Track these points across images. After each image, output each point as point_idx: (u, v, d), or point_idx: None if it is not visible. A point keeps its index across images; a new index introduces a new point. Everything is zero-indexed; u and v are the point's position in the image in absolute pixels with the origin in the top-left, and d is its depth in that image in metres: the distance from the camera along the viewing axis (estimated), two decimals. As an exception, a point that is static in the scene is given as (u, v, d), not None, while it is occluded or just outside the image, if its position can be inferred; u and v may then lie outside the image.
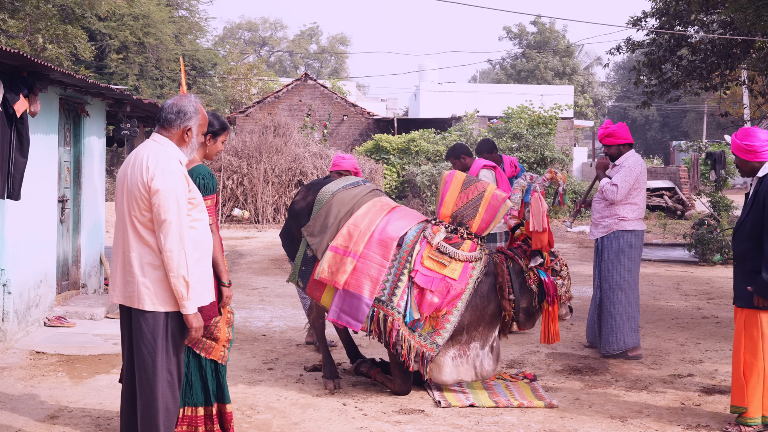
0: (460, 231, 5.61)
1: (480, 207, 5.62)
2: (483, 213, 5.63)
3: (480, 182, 5.75)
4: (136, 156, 3.94)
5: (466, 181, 5.71)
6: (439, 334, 5.39)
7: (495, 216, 5.63)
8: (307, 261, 5.69)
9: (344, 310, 5.47)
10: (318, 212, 5.70)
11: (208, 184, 4.46)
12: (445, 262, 5.48)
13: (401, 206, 5.90)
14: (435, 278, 5.44)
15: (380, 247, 5.51)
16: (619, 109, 56.13)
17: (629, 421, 5.12)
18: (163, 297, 3.86)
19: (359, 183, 5.90)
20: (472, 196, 5.65)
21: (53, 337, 7.04)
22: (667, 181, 23.58)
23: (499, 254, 5.78)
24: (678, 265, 13.04)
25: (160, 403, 3.89)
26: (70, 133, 8.39)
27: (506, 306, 5.60)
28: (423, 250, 5.52)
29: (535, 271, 5.62)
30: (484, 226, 5.64)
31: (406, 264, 5.49)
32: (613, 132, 6.84)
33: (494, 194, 5.66)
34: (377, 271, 5.45)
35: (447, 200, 5.68)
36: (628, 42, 14.76)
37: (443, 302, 5.41)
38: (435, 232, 5.60)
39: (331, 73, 56.82)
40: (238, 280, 10.78)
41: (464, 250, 5.56)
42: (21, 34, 15.92)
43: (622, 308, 6.75)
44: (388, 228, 5.59)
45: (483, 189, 5.68)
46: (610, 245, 6.80)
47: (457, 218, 5.64)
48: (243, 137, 20.92)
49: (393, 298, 5.40)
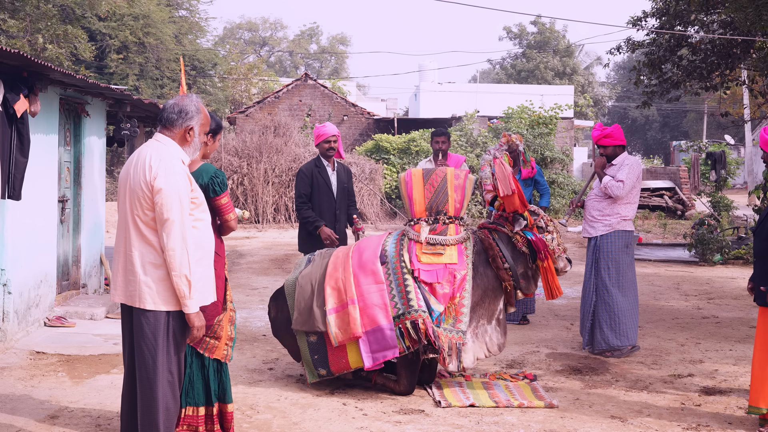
0: (440, 219, 5.69)
1: (448, 190, 5.73)
2: (453, 194, 5.73)
3: (437, 169, 5.84)
4: (139, 155, 3.95)
5: (425, 174, 5.80)
6: (460, 321, 5.48)
7: (465, 193, 5.75)
8: (315, 347, 5.57)
9: (374, 349, 5.44)
10: (296, 302, 5.63)
11: (224, 181, 4.49)
12: (440, 251, 5.56)
13: (358, 242, 5.94)
14: (438, 269, 5.51)
15: (367, 275, 5.53)
16: (619, 109, 56.11)
17: (629, 421, 5.12)
18: (165, 296, 3.86)
19: (312, 260, 5.84)
20: (437, 183, 5.75)
21: (53, 337, 7.04)
22: (668, 181, 23.59)
23: (483, 230, 5.89)
24: (678, 265, 13.04)
25: (161, 403, 3.89)
26: (71, 133, 8.39)
27: (504, 276, 5.70)
28: (414, 249, 5.57)
29: (522, 234, 5.75)
30: (459, 207, 5.74)
31: (404, 270, 5.52)
32: (610, 133, 6.93)
33: (455, 174, 5.79)
34: (380, 296, 5.46)
35: (416, 197, 5.75)
36: (628, 42, 14.75)
37: (454, 289, 5.49)
38: (418, 230, 5.66)
39: (331, 73, 56.82)
40: (238, 280, 10.78)
41: (451, 234, 5.64)
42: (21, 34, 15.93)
43: (625, 306, 6.78)
44: (363, 257, 5.64)
45: (444, 173, 5.78)
46: (610, 243, 6.81)
47: (432, 209, 5.72)
48: (243, 137, 20.93)
49: (410, 303, 5.41)
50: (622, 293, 6.81)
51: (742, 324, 8.26)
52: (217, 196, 4.45)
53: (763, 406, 4.89)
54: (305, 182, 7.17)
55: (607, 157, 6.97)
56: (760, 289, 4.91)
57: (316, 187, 7.17)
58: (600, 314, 6.81)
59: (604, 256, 6.83)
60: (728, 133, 38.47)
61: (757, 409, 4.92)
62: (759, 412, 4.91)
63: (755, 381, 4.94)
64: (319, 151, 7.27)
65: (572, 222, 19.21)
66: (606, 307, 6.79)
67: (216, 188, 4.45)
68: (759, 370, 4.93)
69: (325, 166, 7.22)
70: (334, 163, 7.28)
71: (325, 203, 7.20)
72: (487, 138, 21.79)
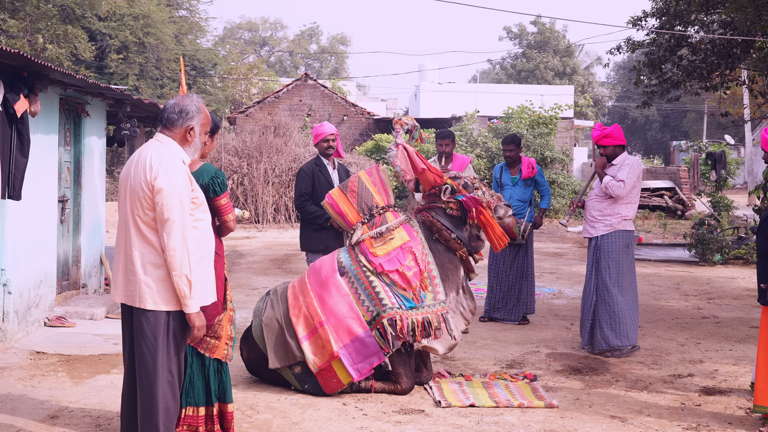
0: (374, 212, 5.77)
1: (369, 188, 5.84)
2: (375, 189, 5.83)
3: (350, 178, 5.94)
4: (140, 155, 3.95)
5: (343, 186, 5.91)
6: (438, 292, 5.57)
7: (384, 183, 5.88)
8: (303, 377, 5.54)
9: (357, 360, 5.44)
10: (267, 342, 5.59)
11: (224, 181, 4.49)
12: (390, 236, 5.64)
13: (311, 265, 5.96)
14: (396, 254, 5.57)
15: (330, 290, 5.54)
16: (619, 109, 56.10)
17: (629, 421, 5.12)
18: (165, 296, 3.86)
19: (269, 302, 5.78)
20: (357, 188, 5.85)
21: (53, 337, 7.05)
22: (668, 181, 23.59)
23: (420, 213, 6.02)
24: (678, 265, 13.04)
25: (161, 403, 3.89)
26: (71, 133, 8.39)
27: (455, 245, 5.82)
28: (367, 249, 5.63)
29: (453, 199, 5.86)
30: (386, 197, 5.86)
31: (366, 273, 5.55)
32: (610, 133, 6.93)
33: (367, 172, 5.94)
34: (349, 307, 5.48)
35: (344, 209, 5.83)
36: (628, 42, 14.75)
37: (418, 264, 5.56)
38: (359, 231, 5.72)
39: (332, 73, 56.81)
40: (238, 280, 10.78)
41: (390, 220, 5.73)
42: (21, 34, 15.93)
43: (625, 306, 6.78)
44: (321, 275, 5.65)
45: (357, 178, 5.90)
46: (610, 243, 6.82)
47: (364, 209, 5.79)
48: (243, 137, 20.92)
49: (383, 302, 5.43)
50: (622, 293, 6.81)
51: (742, 324, 8.26)
52: (217, 197, 4.45)
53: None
54: (306, 181, 7.16)
55: (607, 157, 6.98)
56: (761, 287, 4.91)
57: (318, 185, 7.16)
58: (600, 314, 6.81)
59: (604, 256, 6.83)
60: (728, 133, 38.48)
61: (763, 408, 4.92)
62: (765, 410, 4.91)
63: (760, 380, 4.94)
64: (318, 151, 7.27)
65: (572, 222, 19.22)
66: (606, 307, 6.79)
67: (216, 188, 4.45)
68: (765, 368, 4.92)
69: (326, 165, 7.22)
70: (334, 162, 7.28)
71: None
72: (487, 138, 21.79)
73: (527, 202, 8.17)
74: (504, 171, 8.30)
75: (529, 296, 8.18)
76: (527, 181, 8.17)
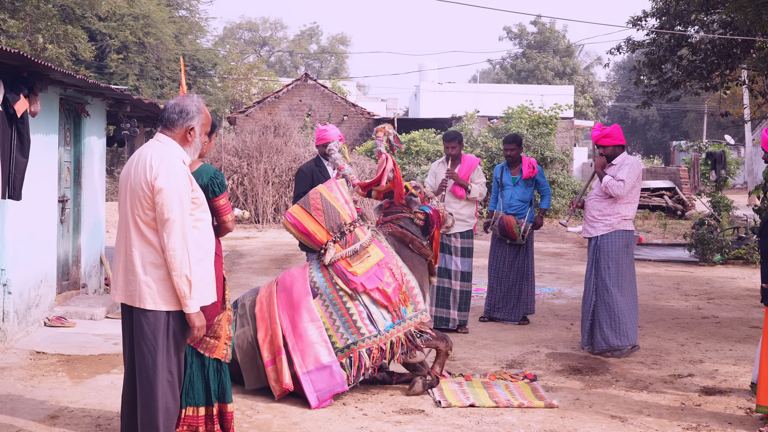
0: (343, 230, 5.65)
1: (334, 205, 5.70)
2: (339, 205, 5.74)
3: (310, 194, 5.76)
4: (140, 155, 3.95)
5: (303, 203, 5.72)
6: (418, 303, 5.57)
7: (345, 197, 5.81)
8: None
9: (320, 388, 5.31)
10: (240, 362, 5.53)
11: (223, 182, 4.49)
12: (365, 256, 5.59)
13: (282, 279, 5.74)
14: (374, 271, 5.54)
15: (301, 314, 5.43)
16: (619, 109, 56.10)
17: (629, 421, 5.12)
18: (165, 296, 3.86)
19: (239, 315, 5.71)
20: (319, 204, 5.68)
21: (53, 337, 7.04)
22: (668, 181, 23.59)
23: (386, 224, 6.05)
24: (678, 265, 13.04)
25: (160, 403, 3.89)
26: (71, 133, 8.39)
27: (426, 252, 5.96)
28: (344, 268, 5.51)
29: (420, 210, 6.01)
30: (350, 211, 5.76)
31: (342, 297, 5.47)
32: (610, 133, 6.93)
33: (327, 187, 5.82)
34: (319, 333, 5.38)
35: (312, 229, 5.63)
36: (628, 42, 14.76)
37: (396, 279, 5.55)
38: (331, 250, 5.58)
39: (332, 73, 56.81)
40: (238, 280, 10.78)
41: (361, 236, 5.68)
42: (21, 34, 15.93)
43: (624, 306, 6.78)
44: (293, 296, 5.51)
45: (318, 193, 5.73)
46: (610, 243, 6.82)
47: (333, 228, 5.63)
48: (243, 137, 20.92)
49: (360, 331, 5.39)
50: (622, 293, 6.81)
51: (742, 324, 8.26)
52: (216, 197, 4.46)
53: None
54: (305, 182, 7.16)
55: (607, 156, 6.98)
56: (763, 287, 4.90)
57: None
58: (600, 314, 6.81)
59: (604, 256, 6.83)
60: (728, 133, 38.47)
61: (765, 408, 4.91)
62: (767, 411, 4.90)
63: (764, 380, 4.93)
64: (319, 152, 7.27)
65: (572, 222, 19.22)
66: (606, 307, 6.79)
67: (215, 189, 4.45)
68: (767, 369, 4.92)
69: (326, 166, 7.21)
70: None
71: None
72: (487, 138, 21.79)
73: (528, 203, 8.17)
74: (505, 171, 8.30)
75: (530, 296, 8.18)
76: (528, 181, 8.16)
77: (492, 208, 8.32)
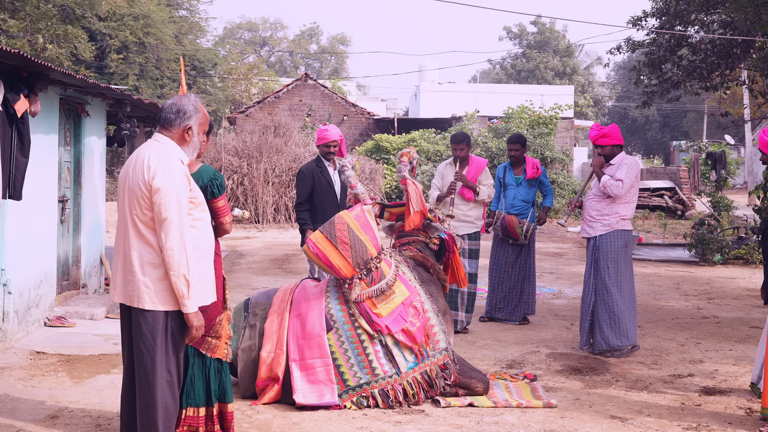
0: (369, 266, 5.43)
1: (359, 235, 5.45)
2: (366, 236, 5.48)
3: (335, 221, 5.48)
4: (138, 155, 3.95)
5: (329, 234, 5.42)
6: (437, 341, 5.44)
7: (372, 226, 5.55)
8: None
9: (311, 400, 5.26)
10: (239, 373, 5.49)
11: (223, 183, 4.49)
12: (391, 295, 5.42)
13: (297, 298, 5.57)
14: (399, 312, 5.39)
15: (312, 347, 5.32)
16: (619, 109, 56.09)
17: (629, 421, 5.12)
18: (163, 296, 3.86)
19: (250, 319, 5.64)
20: (347, 237, 5.41)
21: (53, 337, 7.05)
22: (668, 181, 23.60)
23: (404, 247, 5.98)
24: (678, 265, 13.04)
25: (159, 403, 3.89)
26: (71, 133, 8.39)
27: (444, 277, 5.99)
28: (369, 308, 5.37)
29: (437, 236, 6.04)
30: (376, 242, 5.52)
31: (360, 336, 5.35)
32: (608, 133, 6.93)
33: (354, 216, 5.53)
34: (326, 372, 5.27)
35: (337, 263, 5.38)
36: (628, 42, 14.76)
37: (421, 320, 5.42)
38: (352, 288, 5.39)
39: (332, 73, 56.81)
40: (238, 280, 10.78)
41: (387, 271, 5.48)
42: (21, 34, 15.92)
43: (624, 305, 6.78)
44: (307, 327, 5.38)
45: (344, 222, 5.46)
46: (609, 243, 6.82)
47: (360, 264, 5.41)
48: (243, 137, 20.92)
49: (375, 372, 5.29)
50: (621, 293, 6.81)
51: (742, 324, 8.26)
52: (215, 199, 4.46)
53: None
54: (306, 183, 7.15)
55: (605, 156, 6.98)
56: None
57: (318, 187, 7.14)
58: (600, 314, 6.81)
59: (603, 256, 6.83)
60: (728, 133, 38.46)
61: None
62: None
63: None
64: (320, 152, 7.27)
65: (571, 222, 19.22)
66: (605, 307, 6.79)
67: (215, 190, 4.45)
68: None
69: (327, 167, 7.21)
70: (335, 162, 7.27)
71: (328, 203, 7.19)
72: (487, 138, 21.79)
73: (530, 203, 8.17)
74: (508, 171, 8.29)
75: (531, 297, 8.18)
76: (531, 181, 8.16)
77: (494, 208, 8.31)
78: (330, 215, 6.92)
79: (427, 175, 20.52)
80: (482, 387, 5.52)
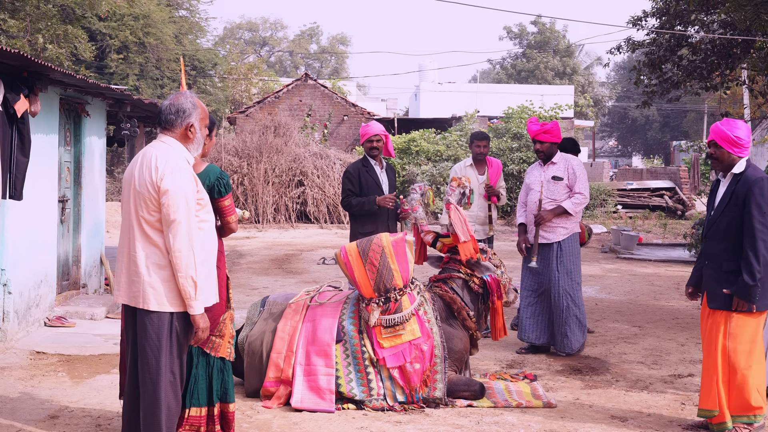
0: (391, 296, 5.36)
1: (391, 264, 5.38)
2: (397, 266, 5.39)
3: (374, 243, 5.43)
4: (144, 156, 3.93)
5: (362, 252, 5.41)
6: (435, 389, 5.35)
7: (407, 258, 5.44)
8: None
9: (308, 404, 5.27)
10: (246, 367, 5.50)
11: (229, 183, 4.49)
12: (401, 331, 5.35)
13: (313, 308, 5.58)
14: (403, 349, 5.34)
15: (320, 355, 5.34)
16: (619, 109, 56.11)
17: (629, 421, 5.12)
18: (169, 297, 3.85)
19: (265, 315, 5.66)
20: (378, 261, 5.37)
21: (53, 337, 7.05)
22: (668, 181, 23.62)
23: (438, 283, 5.74)
24: (678, 265, 13.04)
25: (163, 403, 3.89)
26: (71, 133, 8.40)
27: (471, 325, 5.63)
28: (375, 335, 5.34)
29: (479, 276, 5.68)
30: (406, 275, 5.42)
31: (364, 356, 5.33)
32: (550, 129, 6.92)
33: (393, 243, 5.45)
34: (327, 381, 5.27)
35: (359, 280, 5.38)
36: (628, 42, 14.75)
37: (424, 363, 5.34)
38: (370, 311, 5.35)
39: (332, 73, 56.82)
40: (238, 280, 10.79)
41: (406, 306, 5.38)
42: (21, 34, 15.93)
43: (581, 304, 6.90)
44: (318, 334, 5.39)
45: (381, 246, 5.41)
46: (570, 246, 6.90)
47: (381, 289, 5.36)
48: (243, 137, 20.93)
49: (371, 392, 5.28)
50: (580, 293, 6.95)
51: (742, 324, 8.25)
52: (222, 198, 4.46)
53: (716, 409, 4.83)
54: (352, 182, 6.86)
55: (544, 153, 6.94)
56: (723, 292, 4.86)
57: (366, 186, 6.86)
58: (573, 316, 6.78)
59: (565, 260, 6.85)
60: (728, 133, 38.38)
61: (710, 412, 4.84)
62: (711, 415, 4.84)
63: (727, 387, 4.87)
64: (365, 151, 7.09)
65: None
66: (578, 309, 6.82)
67: (221, 189, 4.46)
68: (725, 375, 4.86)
69: (373, 166, 6.99)
70: (382, 161, 7.09)
71: None
72: (487, 138, 21.78)
73: None
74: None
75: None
76: None
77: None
78: (380, 216, 6.82)
79: (428, 174, 20.53)
80: (470, 395, 5.47)
